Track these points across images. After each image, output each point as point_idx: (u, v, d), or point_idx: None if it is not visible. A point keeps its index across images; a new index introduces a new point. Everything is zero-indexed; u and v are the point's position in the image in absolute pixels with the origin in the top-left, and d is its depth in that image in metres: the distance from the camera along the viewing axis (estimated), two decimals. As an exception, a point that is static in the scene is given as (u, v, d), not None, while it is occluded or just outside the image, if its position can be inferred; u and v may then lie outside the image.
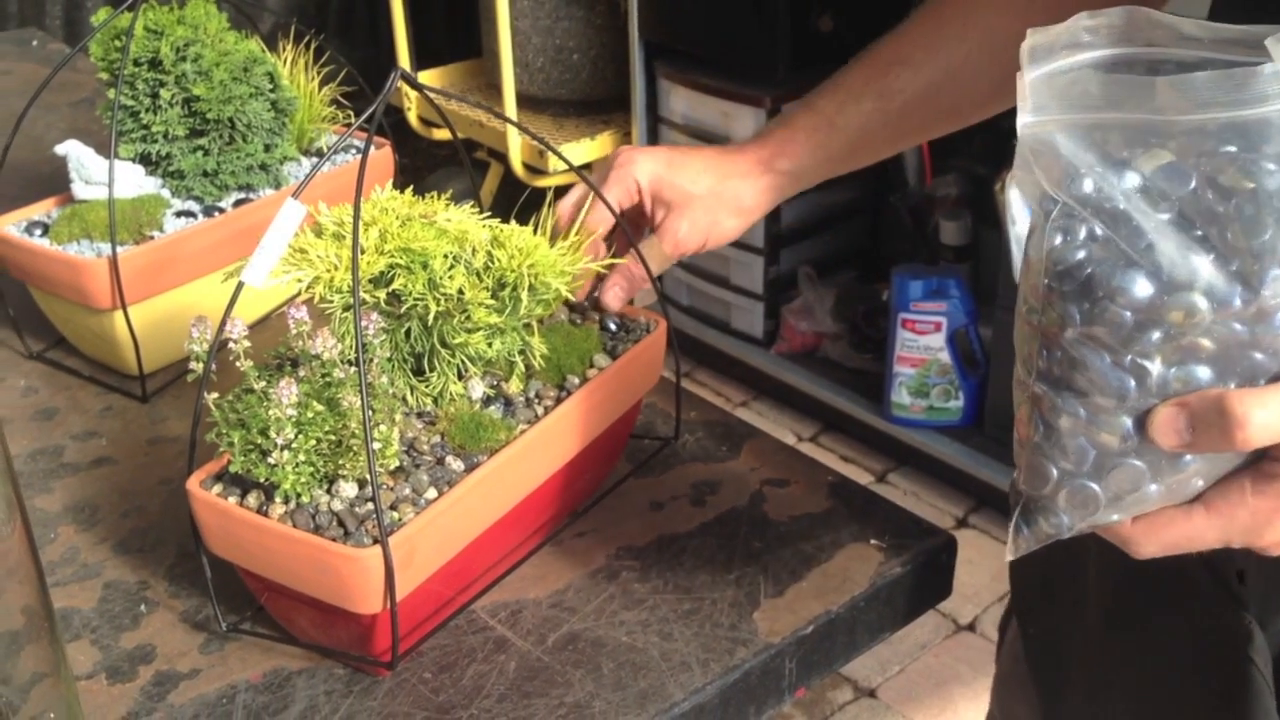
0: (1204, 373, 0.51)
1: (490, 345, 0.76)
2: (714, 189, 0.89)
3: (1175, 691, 0.74)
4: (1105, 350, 0.52)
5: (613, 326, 0.87)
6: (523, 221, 0.82)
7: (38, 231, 1.02)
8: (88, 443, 0.96)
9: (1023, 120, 0.50)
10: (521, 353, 0.79)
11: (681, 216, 0.89)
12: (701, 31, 2.47)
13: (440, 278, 0.74)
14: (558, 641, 0.76)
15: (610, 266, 0.88)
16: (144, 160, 1.06)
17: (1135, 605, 0.76)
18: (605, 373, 0.82)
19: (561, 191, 0.98)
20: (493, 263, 0.76)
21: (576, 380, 0.81)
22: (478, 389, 0.79)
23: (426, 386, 0.77)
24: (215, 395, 0.72)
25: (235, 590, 0.77)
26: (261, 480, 0.69)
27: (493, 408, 0.78)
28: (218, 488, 0.72)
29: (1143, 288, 0.50)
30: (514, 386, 0.80)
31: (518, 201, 0.97)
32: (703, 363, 2.71)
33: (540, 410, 0.79)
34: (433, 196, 0.79)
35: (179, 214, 1.04)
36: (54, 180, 1.08)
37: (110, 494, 0.90)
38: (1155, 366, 0.51)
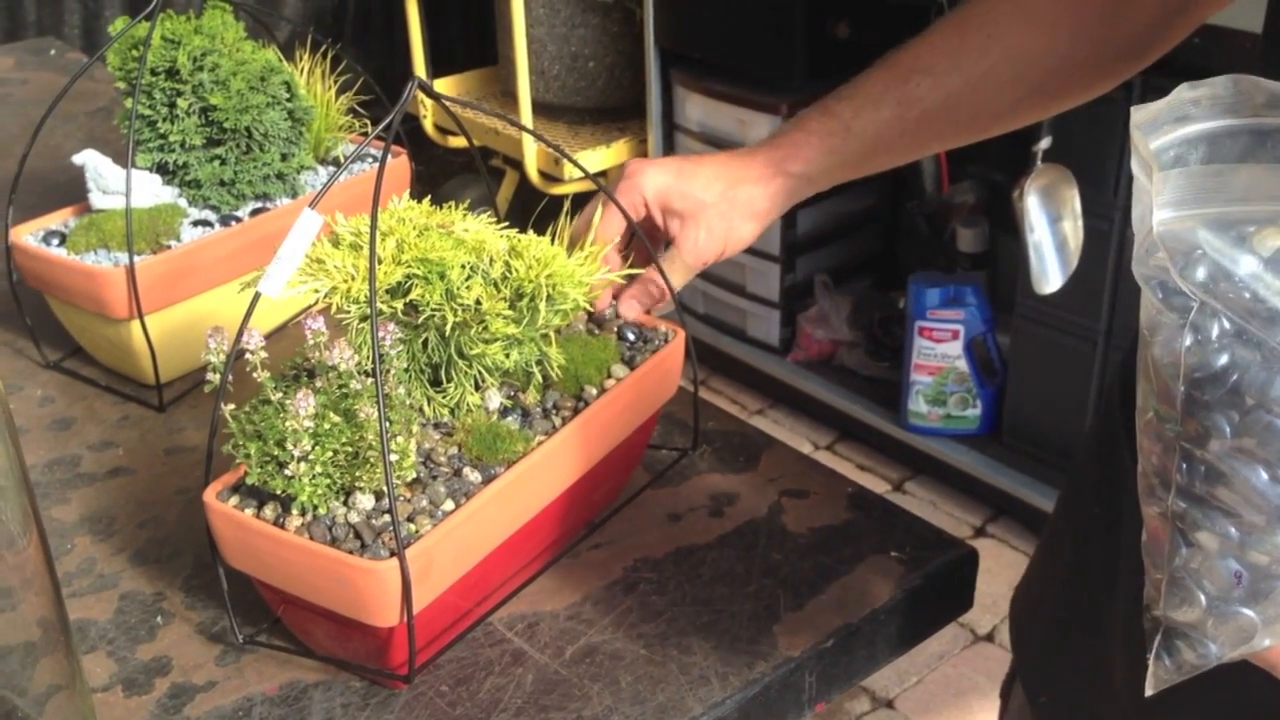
0: None
1: (508, 356, 0.76)
2: (726, 194, 0.88)
3: None
4: (1260, 464, 0.47)
5: (630, 336, 0.87)
6: (539, 230, 0.81)
7: (55, 241, 1.02)
8: (104, 452, 0.96)
9: (1160, 216, 0.46)
10: (539, 363, 0.79)
11: (697, 226, 0.89)
12: (717, 39, 2.46)
13: (458, 288, 0.73)
14: (575, 654, 0.76)
15: (630, 277, 0.88)
16: (161, 170, 1.06)
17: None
18: (623, 383, 0.81)
19: (578, 199, 0.98)
20: (510, 273, 0.76)
21: (594, 391, 0.81)
22: (495, 400, 0.78)
23: (443, 397, 0.77)
24: (232, 406, 0.71)
25: (252, 602, 0.77)
26: (278, 492, 0.69)
27: (510, 419, 0.78)
28: (234, 499, 0.72)
29: None
30: (531, 397, 0.80)
31: (533, 209, 0.97)
32: (718, 370, 2.70)
33: (558, 421, 0.78)
34: (450, 206, 0.79)
35: (196, 223, 1.04)
36: (71, 190, 1.08)
37: (127, 504, 0.90)
38: None
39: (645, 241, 0.87)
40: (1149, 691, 0.52)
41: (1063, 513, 0.84)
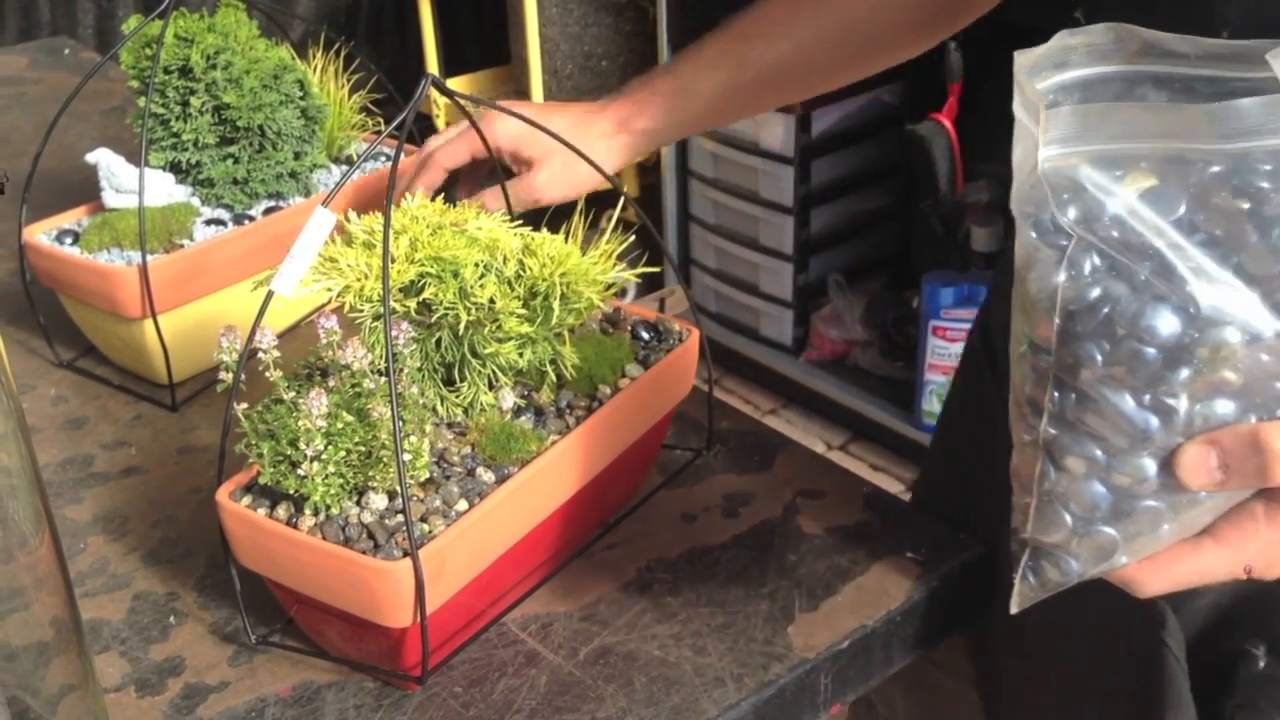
0: (1227, 407, 0.49)
1: (521, 355, 0.75)
2: (574, 157, 0.94)
3: (1092, 677, 0.75)
4: (1128, 390, 0.49)
5: (645, 335, 0.86)
6: (552, 229, 0.81)
7: (68, 240, 1.02)
8: (117, 452, 0.96)
9: (1046, 153, 0.48)
10: (553, 362, 0.78)
11: (541, 169, 0.96)
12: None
13: (471, 287, 0.73)
14: (589, 655, 0.75)
15: (644, 275, 0.88)
16: (174, 168, 1.06)
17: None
18: (637, 382, 0.81)
19: (592, 199, 0.98)
20: (524, 271, 0.75)
21: (608, 390, 0.80)
22: (508, 399, 0.78)
23: (457, 397, 0.76)
24: (244, 406, 0.71)
25: (265, 602, 0.76)
26: (291, 492, 0.69)
27: (524, 418, 0.78)
28: (247, 499, 0.72)
29: (1171, 324, 0.47)
30: (545, 396, 0.79)
31: (545, 207, 0.98)
32: (731, 370, 2.70)
33: (572, 421, 0.78)
34: (464, 204, 0.79)
35: (209, 222, 1.04)
36: (84, 189, 1.08)
37: (140, 504, 0.90)
38: (1181, 404, 0.49)
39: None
40: (1014, 609, 0.55)
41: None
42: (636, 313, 0.88)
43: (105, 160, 1.03)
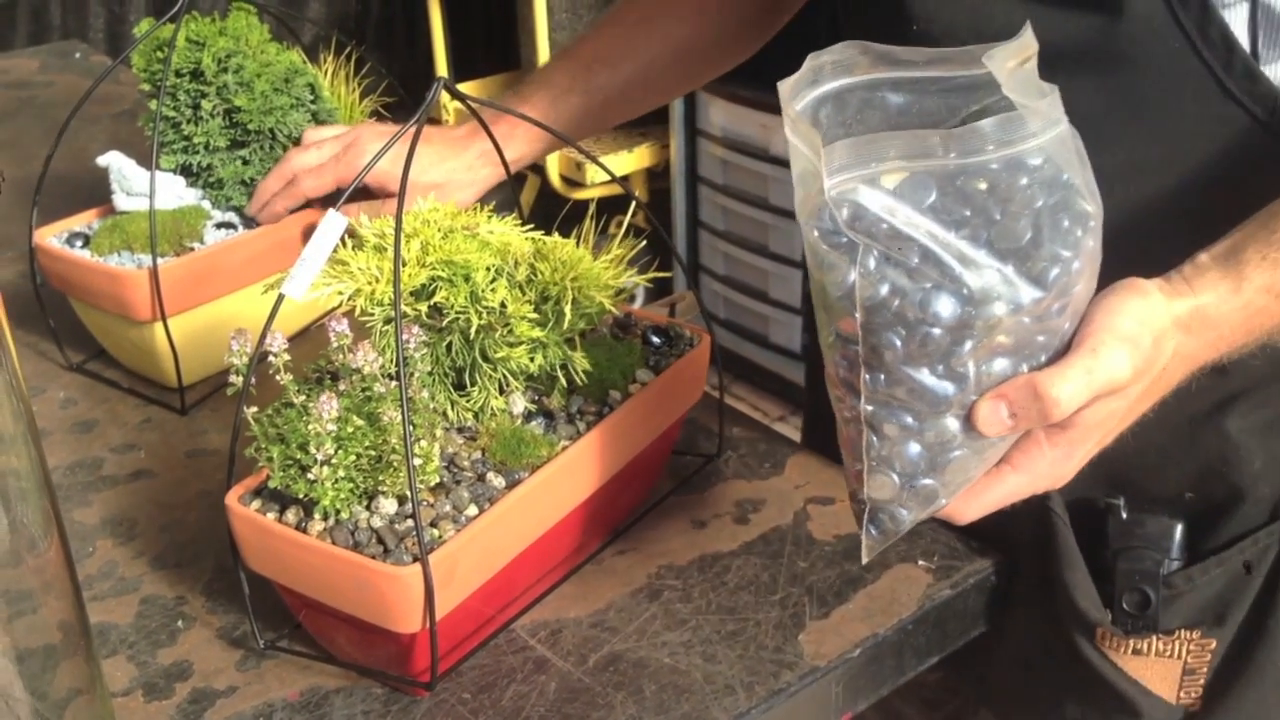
0: (1003, 364, 0.59)
1: (533, 360, 0.75)
2: (441, 180, 1.01)
3: (1000, 537, 0.83)
4: (925, 366, 0.57)
5: (655, 341, 0.86)
6: (563, 234, 0.81)
7: (79, 243, 1.02)
8: (126, 455, 0.96)
9: (830, 182, 0.55)
10: (563, 367, 0.78)
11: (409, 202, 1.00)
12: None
13: (483, 291, 0.73)
14: (599, 662, 0.75)
15: (655, 280, 0.88)
16: (185, 171, 1.06)
17: None
18: (648, 388, 0.80)
19: (602, 205, 0.98)
20: (536, 275, 0.75)
21: (619, 395, 0.80)
22: (519, 404, 0.77)
23: (467, 401, 0.76)
24: (254, 409, 0.71)
25: (273, 606, 0.76)
26: (301, 496, 0.68)
27: (534, 423, 0.77)
28: (257, 503, 0.71)
29: (951, 307, 0.56)
30: (555, 401, 0.79)
31: (554, 213, 0.98)
32: (740, 376, 2.69)
33: (582, 426, 0.77)
34: (475, 208, 0.78)
35: (219, 225, 1.04)
36: (95, 191, 1.08)
37: (148, 507, 0.90)
38: (970, 369, 0.58)
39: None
40: (865, 560, 0.64)
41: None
42: (647, 318, 0.88)
43: (116, 163, 1.03)
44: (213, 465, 0.94)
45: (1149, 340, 0.61)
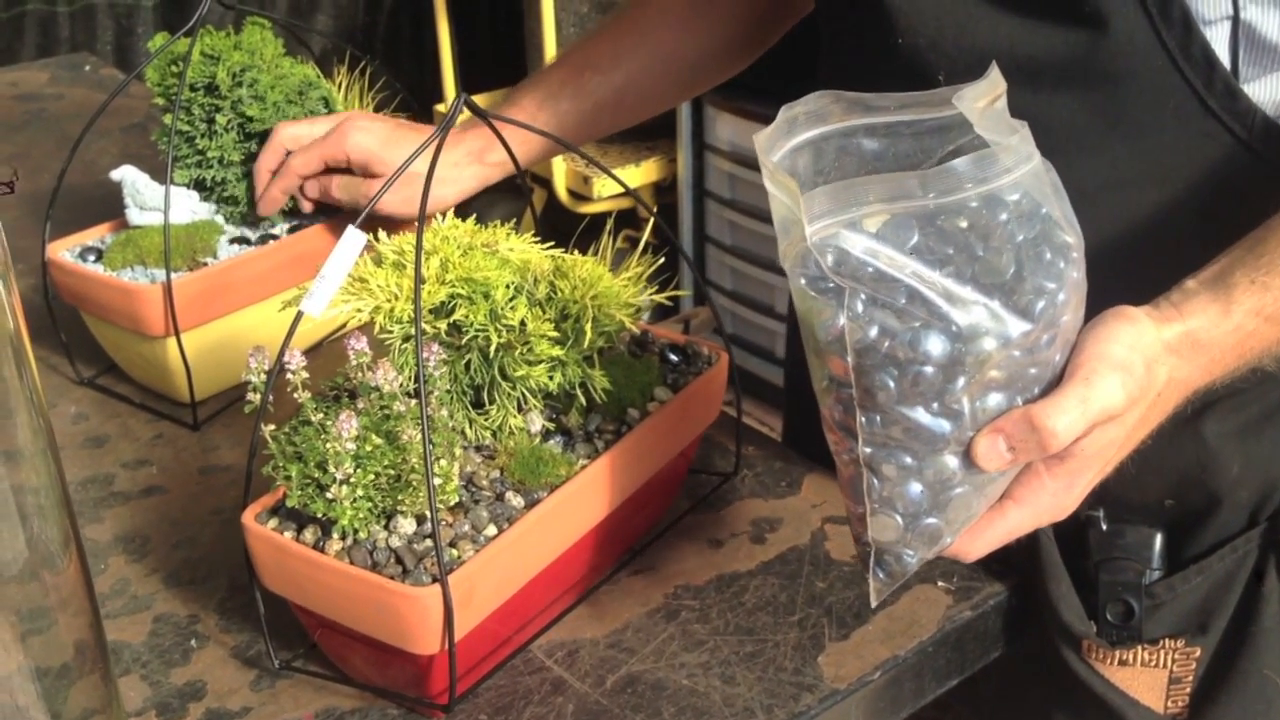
0: (998, 398, 0.59)
1: (552, 378, 0.74)
2: (420, 174, 0.99)
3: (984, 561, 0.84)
4: (920, 405, 0.58)
5: (674, 358, 0.85)
6: (579, 250, 0.80)
7: (91, 257, 1.01)
8: (138, 471, 0.95)
9: (811, 229, 0.56)
10: (582, 385, 0.77)
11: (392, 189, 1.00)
12: (749, 59, 2.45)
13: (502, 308, 0.72)
14: (616, 684, 0.74)
15: (672, 298, 0.87)
16: (198, 186, 1.05)
17: None
18: (666, 406, 0.80)
19: (624, 217, 0.98)
20: (555, 293, 0.75)
21: (637, 414, 0.79)
22: (537, 422, 0.77)
23: (485, 420, 0.75)
24: (271, 427, 0.70)
25: (287, 626, 0.75)
26: (319, 515, 0.68)
27: (552, 442, 0.77)
28: (274, 522, 0.71)
29: (941, 346, 0.56)
30: (574, 420, 0.78)
31: (559, 227, 0.98)
32: (747, 392, 2.68)
33: (600, 444, 0.77)
34: (494, 225, 0.78)
35: (233, 240, 1.04)
36: (107, 205, 1.08)
37: (161, 524, 0.89)
38: (965, 406, 0.58)
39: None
40: (874, 603, 0.64)
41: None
42: (665, 335, 0.87)
43: (130, 177, 1.03)
44: (225, 482, 0.94)
45: (1141, 366, 0.61)
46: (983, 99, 0.58)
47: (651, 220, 0.86)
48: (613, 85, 1.01)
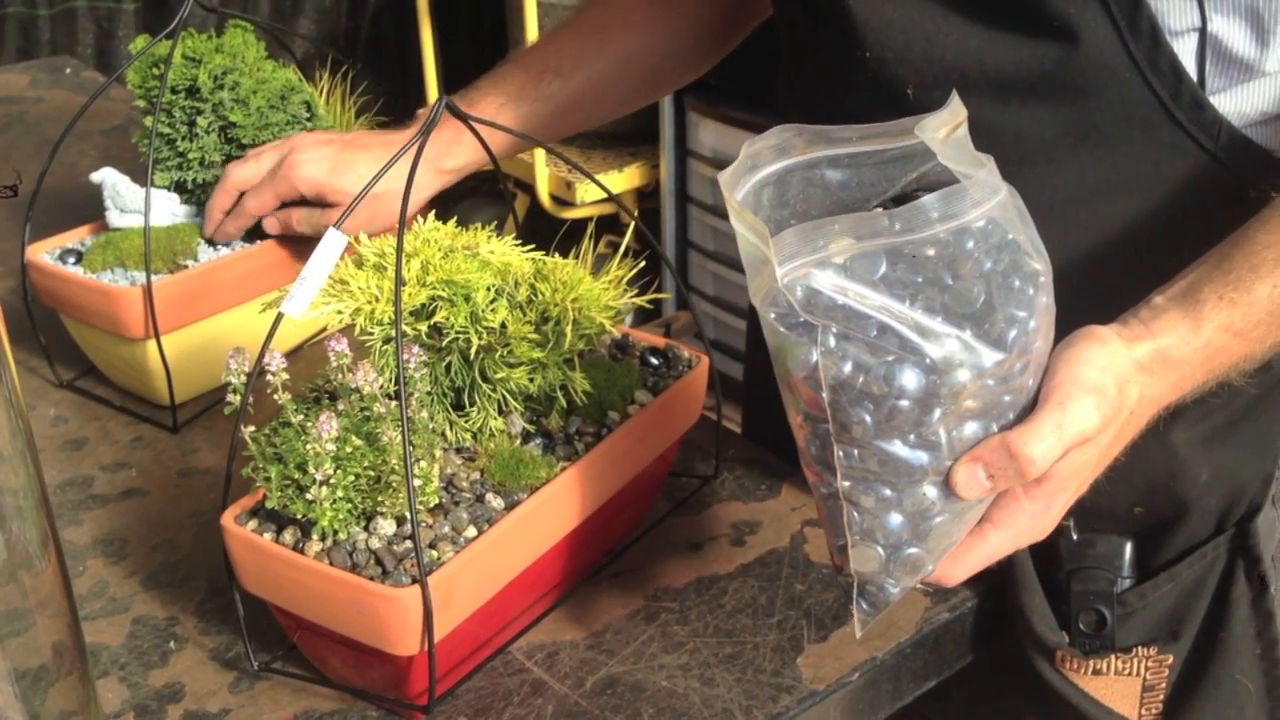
0: (974, 427, 0.59)
1: (532, 380, 0.75)
2: (380, 190, 0.92)
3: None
4: (897, 437, 0.58)
5: (654, 362, 0.85)
6: (560, 254, 0.81)
7: (71, 259, 1.01)
8: (117, 474, 0.95)
9: (781, 270, 0.56)
10: (562, 388, 0.78)
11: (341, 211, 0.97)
12: (730, 65, 2.46)
13: (483, 311, 0.72)
14: (596, 685, 0.74)
15: (654, 302, 0.87)
16: (179, 188, 1.05)
17: None
18: (646, 409, 0.80)
19: (607, 222, 0.97)
20: (536, 296, 0.75)
21: (617, 416, 0.79)
22: (517, 424, 0.77)
23: (466, 422, 0.76)
24: (251, 429, 0.70)
25: (266, 628, 0.75)
26: (299, 516, 0.68)
27: (532, 444, 0.77)
28: (253, 523, 0.71)
29: (915, 379, 0.56)
30: (554, 422, 0.78)
31: (542, 232, 0.98)
32: (727, 396, 2.69)
33: (580, 447, 0.77)
34: (475, 228, 0.78)
35: (213, 243, 1.03)
36: (87, 208, 1.08)
37: (140, 526, 0.89)
38: (941, 437, 0.58)
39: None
40: (859, 635, 0.63)
41: None
42: (646, 339, 0.88)
43: (110, 179, 1.03)
44: (205, 484, 0.94)
45: (1114, 388, 0.61)
46: (944, 128, 0.58)
47: (633, 225, 0.87)
48: (572, 88, 1.00)
